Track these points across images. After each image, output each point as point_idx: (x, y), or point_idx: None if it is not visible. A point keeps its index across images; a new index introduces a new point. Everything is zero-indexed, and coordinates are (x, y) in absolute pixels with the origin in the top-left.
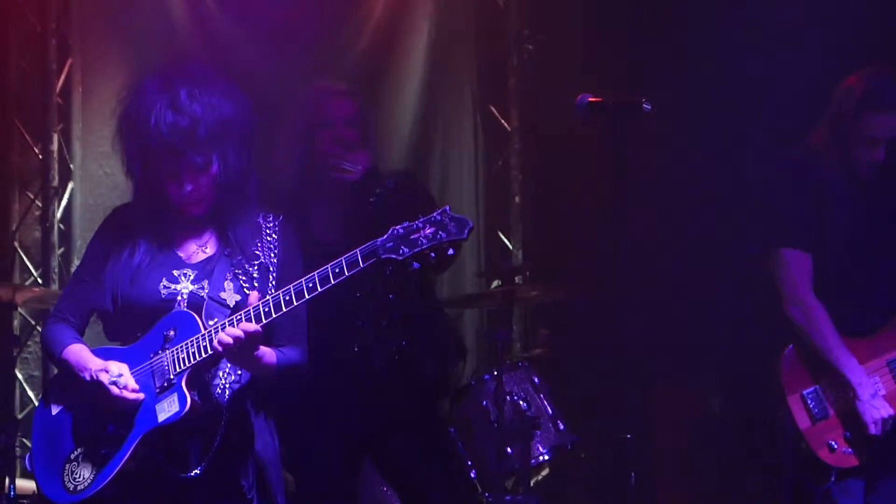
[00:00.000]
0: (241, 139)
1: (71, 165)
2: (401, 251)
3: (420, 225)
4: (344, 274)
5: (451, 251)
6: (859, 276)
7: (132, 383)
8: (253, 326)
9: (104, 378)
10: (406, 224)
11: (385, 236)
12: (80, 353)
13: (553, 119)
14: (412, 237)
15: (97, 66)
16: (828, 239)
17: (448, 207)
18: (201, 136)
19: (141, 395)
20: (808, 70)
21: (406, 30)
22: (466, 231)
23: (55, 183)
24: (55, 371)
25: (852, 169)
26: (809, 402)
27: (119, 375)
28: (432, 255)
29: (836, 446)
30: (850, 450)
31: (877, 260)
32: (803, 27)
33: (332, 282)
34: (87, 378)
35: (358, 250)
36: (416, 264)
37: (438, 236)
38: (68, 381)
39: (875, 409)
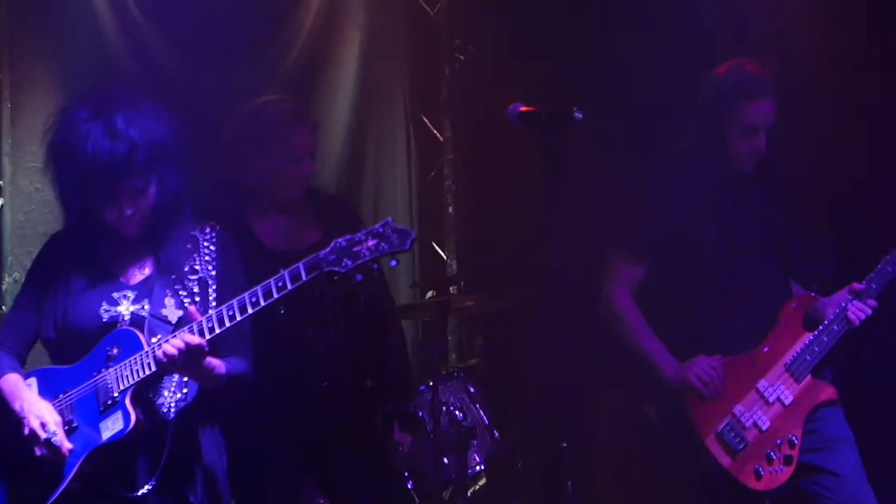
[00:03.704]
0: (177, 160)
1: (0, 182)
2: (343, 263)
3: (363, 237)
4: (287, 288)
5: (393, 263)
6: (741, 280)
7: (66, 443)
8: (196, 339)
9: (38, 430)
10: (349, 237)
11: (328, 249)
12: (15, 384)
13: (486, 129)
14: (355, 249)
15: (26, 81)
16: (704, 243)
17: (391, 219)
18: (139, 160)
19: (69, 448)
20: None
21: (337, 41)
22: (409, 242)
23: None
24: None
25: (733, 163)
26: (726, 436)
27: (54, 434)
28: (375, 266)
29: (762, 471)
30: (776, 468)
31: (759, 259)
32: (740, 31)
33: (276, 295)
34: (17, 409)
35: (301, 263)
36: (359, 276)
37: (381, 248)
38: (4, 408)
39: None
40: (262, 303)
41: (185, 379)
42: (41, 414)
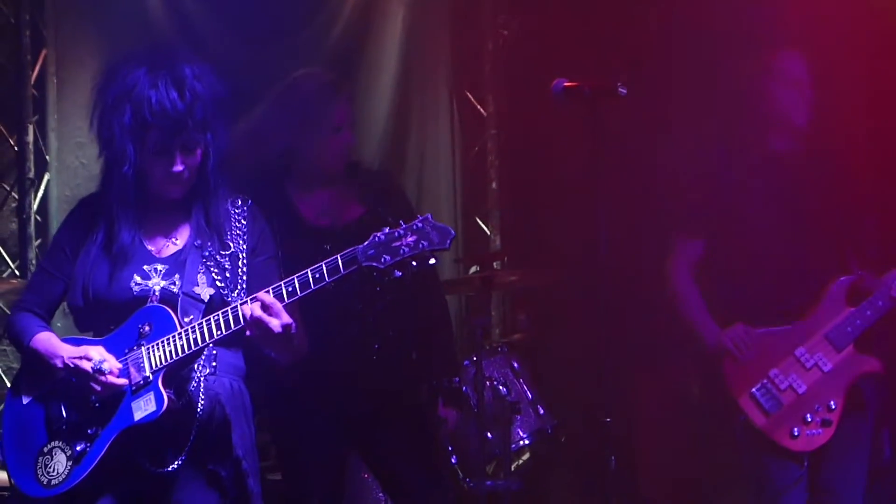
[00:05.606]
0: (227, 122)
1: (47, 157)
2: (382, 259)
3: (402, 232)
4: (324, 280)
5: (432, 260)
6: (783, 255)
7: (117, 367)
8: (270, 298)
9: (85, 365)
10: (387, 230)
11: (366, 242)
12: (48, 340)
13: (529, 104)
14: (394, 245)
15: (72, 57)
16: (750, 218)
17: (430, 215)
18: (199, 114)
19: (125, 381)
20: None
21: (381, 15)
22: (448, 241)
23: (31, 174)
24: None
25: (783, 131)
26: (759, 397)
27: (102, 361)
28: (413, 263)
29: (797, 432)
30: (812, 431)
31: (807, 235)
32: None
33: (312, 287)
34: (60, 365)
35: (339, 256)
36: (397, 272)
37: (420, 245)
38: (39, 370)
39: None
40: (299, 293)
41: (214, 352)
42: (86, 353)
